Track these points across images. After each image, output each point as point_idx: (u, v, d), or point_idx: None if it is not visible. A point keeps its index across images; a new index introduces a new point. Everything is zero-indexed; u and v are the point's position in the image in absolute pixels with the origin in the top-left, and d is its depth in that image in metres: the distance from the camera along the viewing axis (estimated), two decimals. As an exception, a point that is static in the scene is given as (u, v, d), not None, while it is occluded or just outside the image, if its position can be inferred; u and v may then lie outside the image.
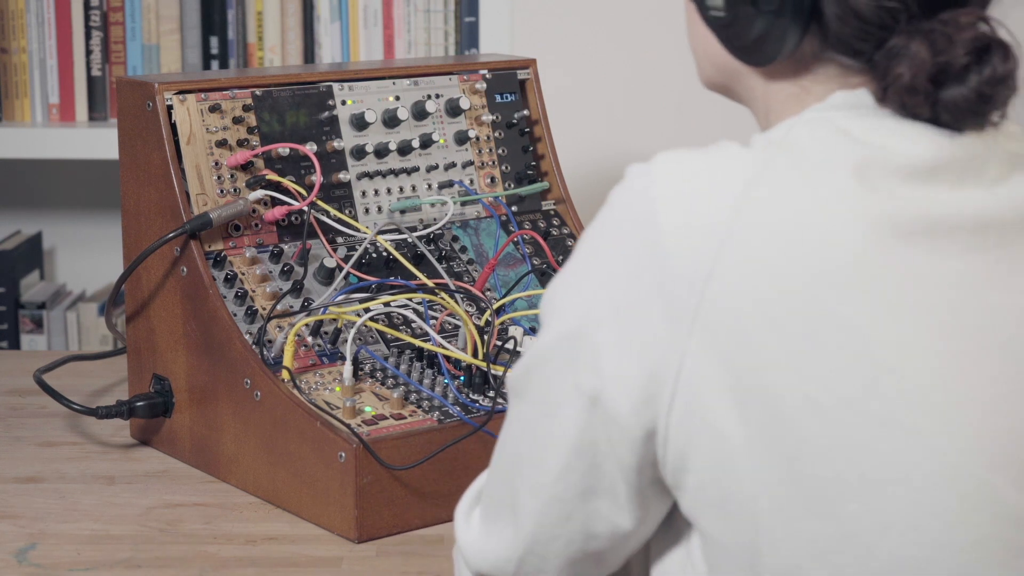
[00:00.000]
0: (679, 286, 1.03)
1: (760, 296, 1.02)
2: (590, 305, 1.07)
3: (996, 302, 1.05)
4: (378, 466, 1.50)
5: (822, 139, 1.06)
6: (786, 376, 1.02)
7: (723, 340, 1.02)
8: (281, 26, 2.50)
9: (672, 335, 1.04)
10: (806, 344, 1.01)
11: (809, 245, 1.02)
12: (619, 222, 1.07)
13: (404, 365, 1.65)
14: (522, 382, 1.13)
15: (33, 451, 1.74)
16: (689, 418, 1.04)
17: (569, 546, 1.14)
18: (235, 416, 1.62)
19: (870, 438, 1.01)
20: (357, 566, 1.46)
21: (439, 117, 1.85)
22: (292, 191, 1.71)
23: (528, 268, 1.81)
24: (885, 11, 1.06)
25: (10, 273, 2.53)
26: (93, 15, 2.49)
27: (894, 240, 1.03)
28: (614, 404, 1.06)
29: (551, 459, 1.11)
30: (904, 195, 1.04)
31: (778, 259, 1.02)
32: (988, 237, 1.06)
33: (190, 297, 1.66)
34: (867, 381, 1.01)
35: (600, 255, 1.08)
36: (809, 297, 1.01)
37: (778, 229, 1.02)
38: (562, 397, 1.09)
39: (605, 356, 1.06)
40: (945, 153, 1.06)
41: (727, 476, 1.04)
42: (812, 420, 1.01)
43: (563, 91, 2.52)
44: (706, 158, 1.07)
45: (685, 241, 1.03)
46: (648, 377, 1.05)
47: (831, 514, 1.02)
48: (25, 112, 2.51)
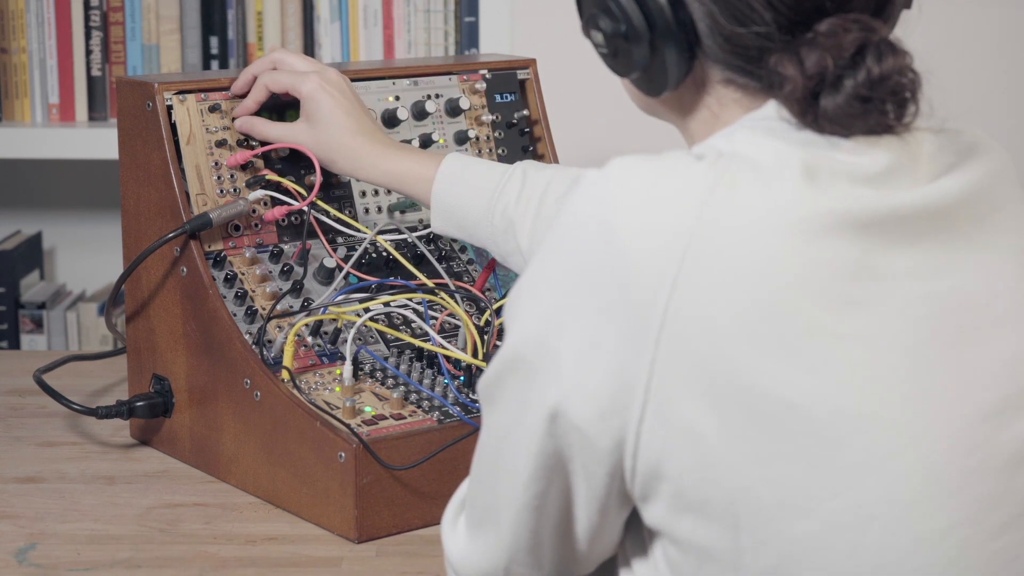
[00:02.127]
0: (642, 294, 1.03)
1: (727, 301, 1.02)
2: (551, 312, 1.07)
3: (947, 287, 1.06)
4: (378, 466, 1.50)
5: (765, 145, 1.07)
6: (760, 378, 1.02)
7: (693, 347, 1.02)
8: (281, 26, 2.50)
9: (639, 344, 1.03)
10: (777, 346, 1.02)
11: (771, 248, 1.03)
12: (577, 228, 1.07)
13: (404, 365, 1.65)
14: (491, 390, 1.13)
15: (33, 451, 1.74)
16: (663, 426, 1.04)
17: (554, 549, 1.14)
18: (235, 416, 1.62)
19: (847, 434, 1.02)
20: (357, 566, 1.46)
21: (439, 117, 1.85)
22: (292, 191, 1.71)
23: (528, 268, 1.81)
24: (755, 36, 1.09)
25: (10, 273, 2.53)
26: (93, 15, 2.49)
27: (852, 236, 1.04)
28: (577, 413, 1.06)
29: (521, 469, 1.11)
30: (853, 194, 1.05)
31: (742, 263, 1.02)
32: (932, 225, 1.07)
33: (190, 297, 1.66)
34: (840, 377, 1.02)
35: (559, 261, 1.08)
36: (775, 300, 1.02)
37: (740, 235, 1.03)
38: (527, 406, 1.09)
39: (567, 365, 1.06)
40: (878, 159, 1.08)
41: (706, 480, 1.04)
42: (789, 420, 1.02)
43: (563, 91, 2.52)
44: (662, 164, 1.07)
45: (645, 247, 1.03)
46: (614, 386, 1.04)
47: (813, 512, 1.02)
48: (25, 112, 2.51)
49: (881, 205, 1.05)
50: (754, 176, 1.05)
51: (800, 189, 1.04)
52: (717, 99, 1.16)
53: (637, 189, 1.05)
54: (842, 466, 1.02)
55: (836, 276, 1.03)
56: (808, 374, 1.02)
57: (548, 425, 1.08)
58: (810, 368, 1.02)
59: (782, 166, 1.05)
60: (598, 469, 1.08)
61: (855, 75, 1.06)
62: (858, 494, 1.02)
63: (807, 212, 1.03)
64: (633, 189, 1.05)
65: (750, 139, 1.08)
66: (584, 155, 2.56)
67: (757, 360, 1.02)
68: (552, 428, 1.08)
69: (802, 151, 1.06)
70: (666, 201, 1.04)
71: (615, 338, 1.04)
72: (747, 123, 1.12)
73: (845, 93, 1.06)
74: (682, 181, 1.05)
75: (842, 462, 1.02)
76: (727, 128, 1.13)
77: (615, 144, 2.60)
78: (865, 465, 1.02)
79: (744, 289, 1.02)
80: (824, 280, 1.03)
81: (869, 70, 1.06)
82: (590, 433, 1.06)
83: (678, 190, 1.05)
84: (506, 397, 1.11)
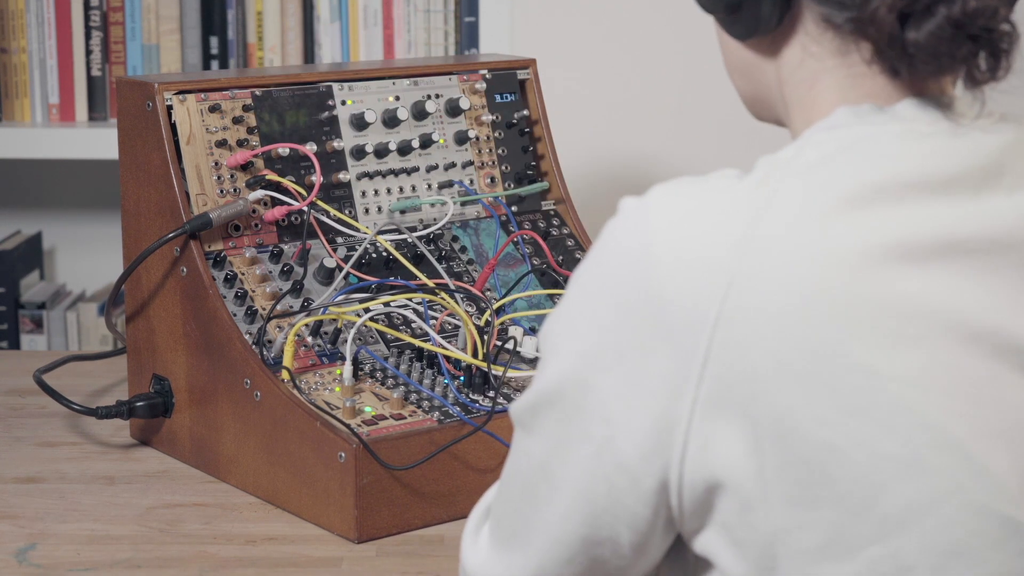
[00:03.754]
0: (684, 335, 1.00)
1: (770, 341, 0.98)
2: (592, 349, 1.04)
3: (1012, 325, 1.02)
4: (378, 466, 1.50)
5: (827, 163, 1.03)
6: (803, 422, 0.99)
7: (736, 388, 0.99)
8: (281, 26, 2.50)
9: (680, 384, 1.00)
10: (820, 388, 0.98)
11: (817, 285, 0.98)
12: (616, 262, 1.03)
13: (404, 365, 1.65)
14: (528, 418, 1.10)
15: (33, 451, 1.74)
16: (704, 467, 1.01)
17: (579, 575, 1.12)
18: (235, 416, 1.62)
19: (890, 479, 0.99)
20: (357, 566, 1.46)
21: (439, 117, 1.85)
22: (292, 191, 1.71)
23: (528, 268, 1.81)
24: None
25: (10, 273, 2.53)
26: (93, 15, 2.49)
27: (906, 267, 0.99)
28: (623, 453, 1.03)
29: (558, 502, 1.08)
30: (915, 216, 1.00)
31: (786, 302, 0.98)
32: (1008, 255, 1.03)
33: (190, 297, 1.66)
34: (884, 421, 0.98)
35: (597, 295, 1.04)
36: (820, 339, 0.98)
37: (784, 271, 0.99)
38: (568, 442, 1.06)
39: (612, 404, 1.03)
40: (958, 161, 1.03)
41: (746, 521, 1.01)
42: (832, 464, 0.99)
43: (563, 91, 2.52)
44: (704, 191, 1.03)
45: (686, 288, 1.00)
46: (657, 426, 1.02)
47: (852, 557, 1.00)
48: (25, 112, 2.51)
49: (942, 232, 1.00)
50: (803, 204, 1.00)
51: (854, 217, 0.99)
52: (816, 41, 1.08)
53: (675, 218, 1.01)
54: (882, 512, 0.99)
55: (886, 312, 0.99)
56: (851, 416, 0.98)
57: (592, 463, 1.05)
58: (853, 410, 0.98)
59: (837, 190, 1.00)
60: (643, 509, 1.05)
61: (950, 5, 1.01)
62: (897, 542, 0.99)
63: (858, 243, 0.99)
64: (670, 218, 1.01)
65: (815, 155, 1.03)
66: (584, 155, 2.56)
67: (799, 402, 0.98)
68: (596, 467, 1.05)
69: (867, 168, 1.01)
70: (705, 233, 1.00)
71: (657, 378, 1.01)
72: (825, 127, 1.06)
73: (937, 20, 1.01)
74: (723, 210, 1.01)
75: (882, 508, 0.99)
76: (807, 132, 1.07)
77: (615, 144, 2.60)
78: (906, 512, 0.99)
79: (787, 329, 0.98)
80: (874, 317, 0.98)
81: (965, 2, 1.01)
82: (635, 473, 1.03)
83: (719, 225, 1.00)
84: (545, 429, 1.08)
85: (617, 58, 2.58)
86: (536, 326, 1.75)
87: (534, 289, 1.79)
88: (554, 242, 1.87)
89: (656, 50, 2.57)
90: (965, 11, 1.01)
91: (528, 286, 1.79)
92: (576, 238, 1.89)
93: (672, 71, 2.58)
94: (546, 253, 1.83)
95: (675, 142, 2.59)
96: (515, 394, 1.62)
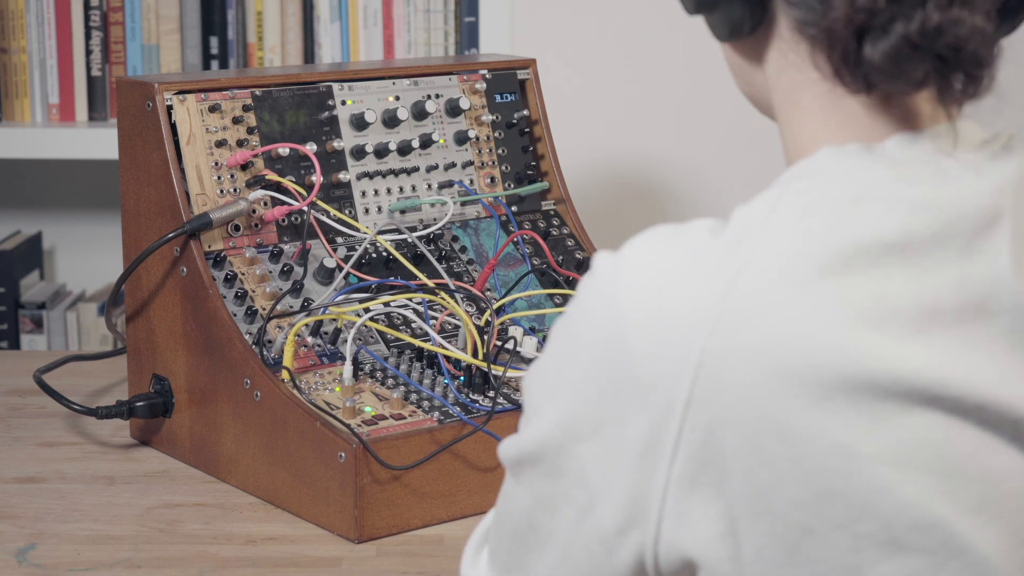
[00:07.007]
0: (656, 410, 0.97)
1: (742, 422, 0.95)
2: (568, 418, 1.02)
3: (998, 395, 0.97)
4: (378, 466, 1.50)
5: (804, 222, 0.97)
6: (777, 503, 0.96)
7: (709, 468, 0.96)
8: (281, 26, 2.50)
9: (654, 459, 0.98)
10: (794, 471, 0.95)
11: (790, 360, 0.94)
12: (585, 327, 1.01)
13: (404, 365, 1.65)
14: (514, 466, 1.08)
15: (33, 451, 1.74)
16: (680, 546, 0.99)
17: None
18: (235, 416, 1.62)
19: (867, 562, 0.95)
20: (357, 566, 1.46)
21: (439, 117, 1.85)
22: (292, 191, 1.71)
23: (528, 268, 1.81)
24: None
25: (10, 273, 2.53)
26: (93, 15, 2.49)
27: (886, 339, 0.94)
28: (602, 522, 1.01)
29: (547, 553, 1.07)
30: (895, 283, 0.96)
31: (757, 380, 0.95)
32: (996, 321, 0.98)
33: (190, 297, 1.66)
34: (862, 503, 0.95)
35: (572, 359, 1.02)
36: (793, 419, 0.94)
37: (755, 349, 0.95)
38: (555, 501, 1.05)
39: (591, 472, 1.01)
40: (947, 215, 0.97)
41: None
42: (809, 545, 0.96)
43: (563, 91, 2.53)
44: (679, 249, 0.99)
45: (657, 362, 0.97)
46: (632, 499, 0.99)
47: None
48: (25, 112, 2.51)
49: (925, 299, 0.95)
50: (775, 273, 0.96)
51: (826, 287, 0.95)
52: (791, 62, 1.05)
53: (648, 288, 0.98)
54: None
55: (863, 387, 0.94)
56: (826, 499, 0.95)
57: (574, 528, 1.03)
58: (829, 493, 0.95)
59: (810, 256, 0.95)
60: None
61: (909, 19, 0.95)
62: None
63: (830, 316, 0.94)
64: (644, 287, 0.98)
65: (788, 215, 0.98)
66: (584, 155, 2.56)
67: (772, 484, 0.95)
68: (577, 532, 1.03)
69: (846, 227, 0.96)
70: (677, 309, 0.97)
71: (631, 453, 0.99)
72: (808, 173, 1.01)
73: (892, 40, 0.95)
74: (695, 284, 0.97)
75: None
76: (788, 174, 1.02)
77: (615, 144, 2.60)
78: None
79: (758, 409, 0.95)
80: (850, 394, 0.94)
81: (928, 16, 0.95)
82: (612, 546, 1.02)
83: (691, 299, 0.97)
84: (532, 484, 1.06)
85: (617, 58, 2.58)
86: (536, 326, 1.75)
87: (534, 289, 1.79)
88: (554, 242, 1.87)
89: (656, 50, 2.57)
90: (924, 30, 0.95)
91: (528, 286, 1.80)
92: (576, 238, 1.89)
93: (672, 71, 2.58)
94: (546, 253, 1.83)
95: (675, 142, 2.59)
96: (515, 394, 1.62)
